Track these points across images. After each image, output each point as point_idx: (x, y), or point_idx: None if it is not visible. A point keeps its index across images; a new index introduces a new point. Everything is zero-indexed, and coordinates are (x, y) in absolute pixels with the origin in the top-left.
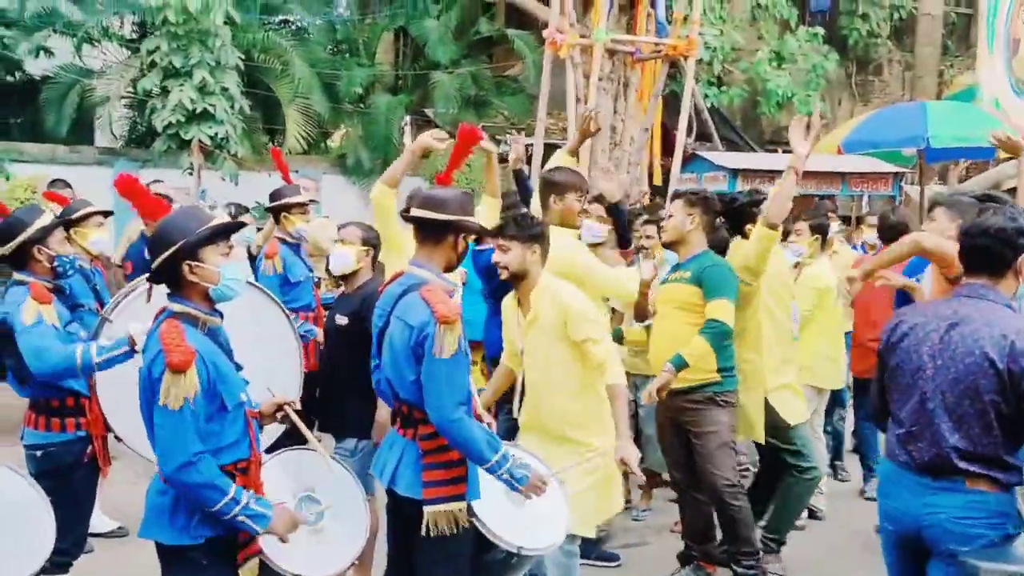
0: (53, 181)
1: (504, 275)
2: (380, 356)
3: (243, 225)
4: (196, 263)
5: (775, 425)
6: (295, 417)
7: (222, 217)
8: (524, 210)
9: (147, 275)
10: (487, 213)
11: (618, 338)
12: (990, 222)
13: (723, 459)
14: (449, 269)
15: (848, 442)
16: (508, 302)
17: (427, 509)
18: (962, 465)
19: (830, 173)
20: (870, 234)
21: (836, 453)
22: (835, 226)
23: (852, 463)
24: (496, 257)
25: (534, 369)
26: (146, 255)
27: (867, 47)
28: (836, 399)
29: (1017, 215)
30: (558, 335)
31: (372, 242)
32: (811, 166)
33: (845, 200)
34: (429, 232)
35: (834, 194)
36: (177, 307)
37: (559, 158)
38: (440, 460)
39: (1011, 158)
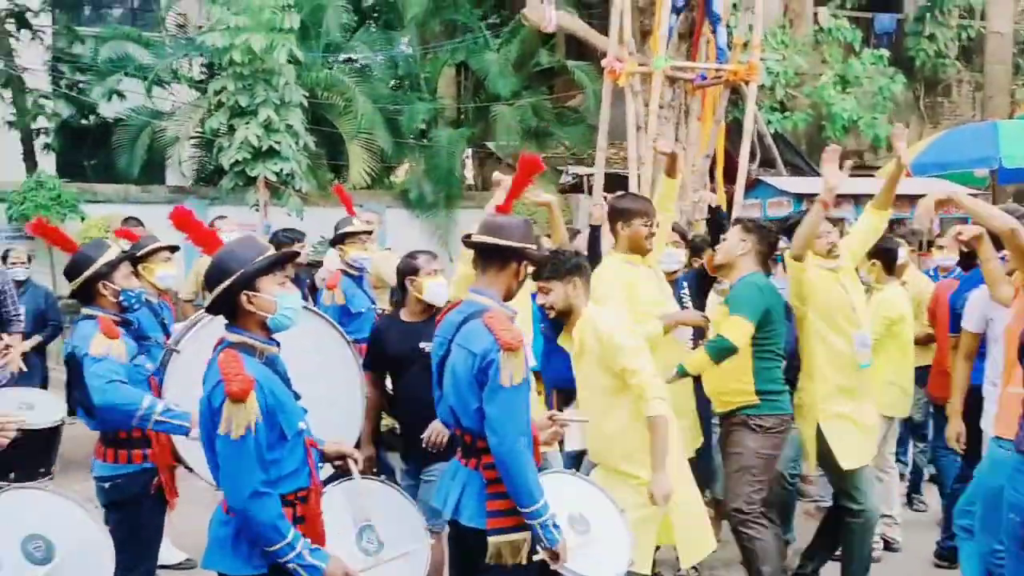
0: (126, 219)
1: (552, 315)
2: (441, 385)
3: (298, 254)
4: (253, 293)
5: (829, 457)
6: (354, 469)
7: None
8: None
9: (205, 306)
10: None
11: (683, 372)
12: None
13: (738, 484)
14: (508, 297)
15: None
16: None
17: (491, 539)
18: None
19: (899, 196)
20: (940, 257)
21: (914, 486)
22: (903, 252)
23: (930, 493)
24: (540, 300)
25: (586, 401)
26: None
27: (935, 68)
28: (914, 430)
29: None
30: (603, 365)
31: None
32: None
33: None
34: (490, 258)
35: (904, 217)
36: (234, 337)
37: (661, 182)
38: (504, 490)
39: None
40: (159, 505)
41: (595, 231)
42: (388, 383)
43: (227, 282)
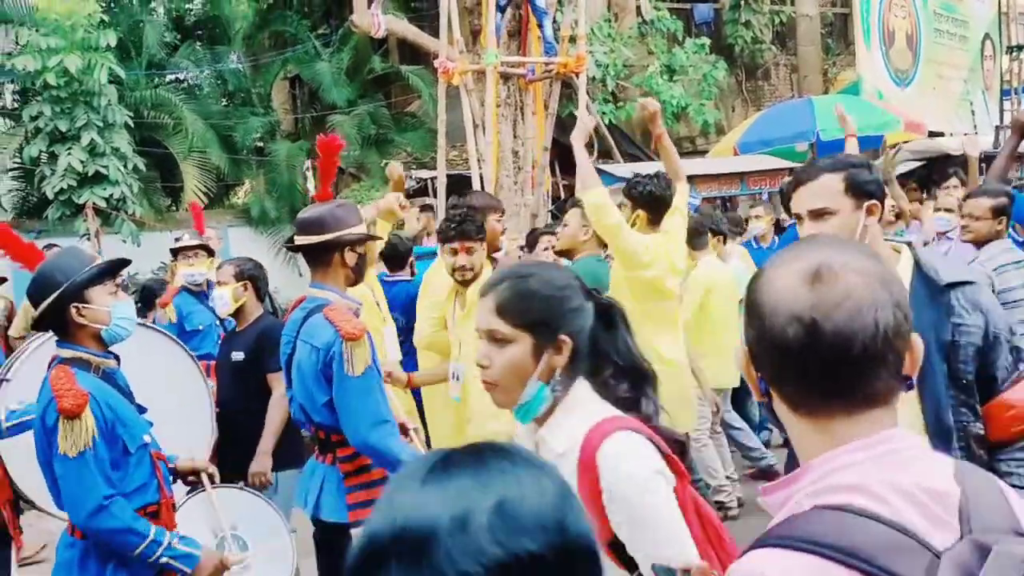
0: None
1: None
2: (291, 384)
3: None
4: (84, 304)
5: None
6: (207, 483)
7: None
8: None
9: (32, 323)
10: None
11: None
12: None
13: None
14: (352, 284)
15: None
16: (440, 293)
17: (354, 532)
18: None
19: (729, 175)
20: (757, 226)
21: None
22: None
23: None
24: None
25: (469, 360)
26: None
27: (753, 53)
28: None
29: None
30: None
31: (248, 274)
32: (710, 169)
33: (746, 198)
34: (314, 256)
35: (735, 194)
36: (67, 353)
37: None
38: (362, 481)
39: (895, 145)
40: (4, 543)
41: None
42: None
43: (54, 295)
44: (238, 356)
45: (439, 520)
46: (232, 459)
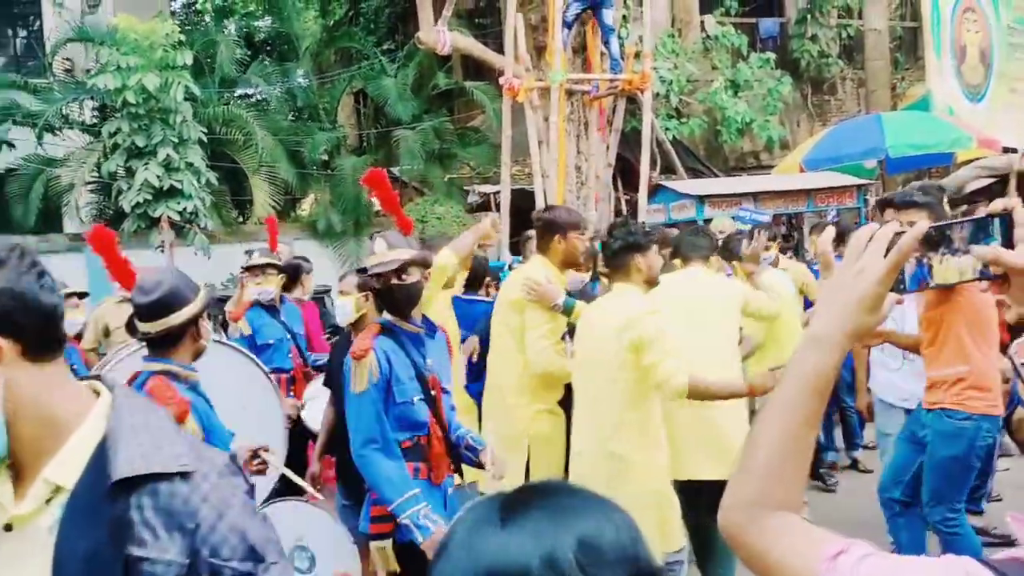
0: None
1: None
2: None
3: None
4: (202, 322)
5: None
6: (272, 460)
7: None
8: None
9: (146, 336)
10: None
11: None
12: None
13: None
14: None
15: None
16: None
17: (372, 544)
18: None
19: (795, 191)
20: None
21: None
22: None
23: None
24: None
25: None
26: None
27: (819, 68)
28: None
29: None
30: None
31: (372, 285)
32: (775, 186)
33: (813, 216)
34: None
35: (802, 211)
36: (157, 366)
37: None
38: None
39: (968, 162)
40: None
41: None
42: None
43: (191, 311)
44: None
45: (529, 562)
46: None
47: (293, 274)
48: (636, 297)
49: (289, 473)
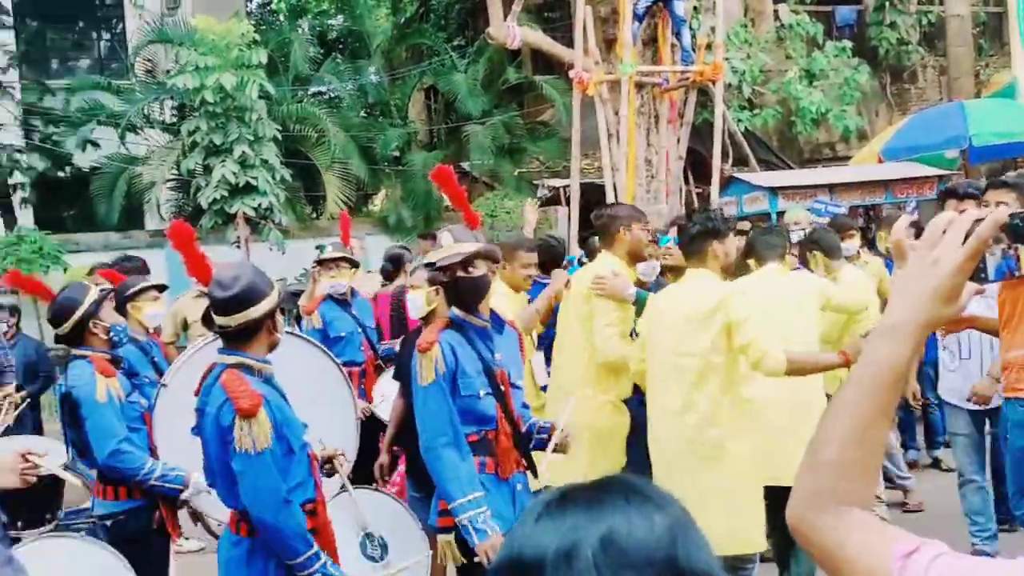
0: (127, 258)
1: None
2: None
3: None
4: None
5: None
6: (341, 471)
7: None
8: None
9: (224, 330)
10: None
11: None
12: None
13: None
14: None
15: None
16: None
17: (440, 537)
18: None
19: (872, 183)
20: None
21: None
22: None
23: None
24: None
25: None
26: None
27: (899, 55)
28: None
29: None
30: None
31: (440, 279)
32: (851, 177)
33: (891, 208)
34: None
35: (880, 203)
36: (231, 359)
37: None
38: None
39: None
40: (163, 540)
41: None
42: None
43: (267, 305)
44: None
45: (546, 552)
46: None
47: (396, 263)
48: (713, 282)
49: (344, 478)
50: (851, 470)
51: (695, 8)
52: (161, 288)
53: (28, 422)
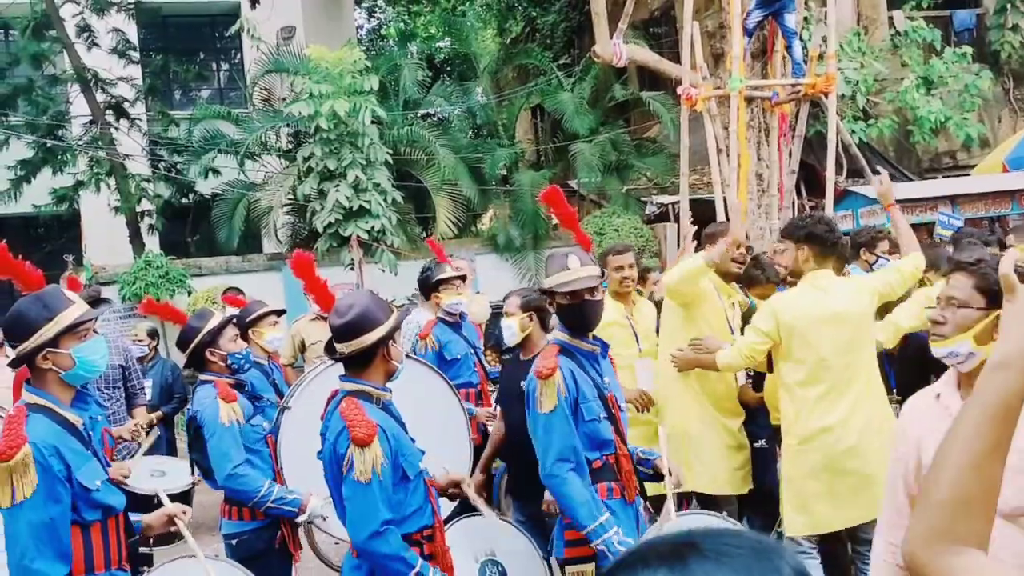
0: (227, 289)
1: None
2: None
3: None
4: (392, 343)
5: None
6: (471, 494)
7: None
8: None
9: (342, 356)
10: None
11: None
12: None
13: None
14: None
15: None
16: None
17: (569, 569)
18: None
19: (997, 193)
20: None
21: None
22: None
23: None
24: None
25: None
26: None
27: (1022, 60)
28: None
29: None
30: None
31: (534, 305)
32: (975, 187)
33: (1018, 219)
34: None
35: (1006, 214)
36: (351, 386)
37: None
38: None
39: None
40: (285, 559)
41: None
42: None
43: (384, 331)
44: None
45: None
46: (525, 482)
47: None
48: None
49: (476, 500)
50: (964, 509)
51: (805, 19)
52: (279, 313)
53: (162, 442)
